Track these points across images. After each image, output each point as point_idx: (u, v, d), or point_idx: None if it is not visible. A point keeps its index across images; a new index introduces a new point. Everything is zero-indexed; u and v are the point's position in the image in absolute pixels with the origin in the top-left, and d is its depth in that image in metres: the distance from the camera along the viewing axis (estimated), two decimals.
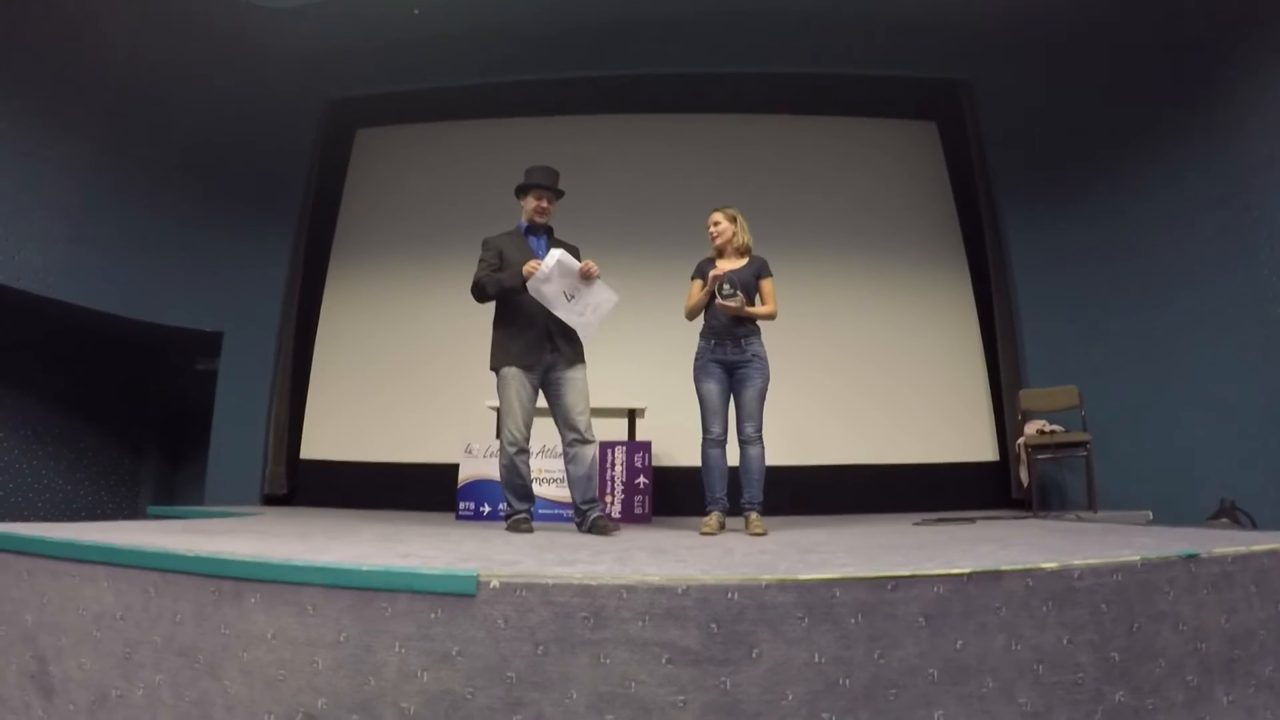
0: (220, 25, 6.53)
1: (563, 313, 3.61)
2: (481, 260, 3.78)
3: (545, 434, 4.12)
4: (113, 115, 6.46)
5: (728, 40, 6.91)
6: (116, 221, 6.39)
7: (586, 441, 3.68)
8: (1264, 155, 5.43)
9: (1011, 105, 6.94)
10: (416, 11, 6.57)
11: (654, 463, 5.18)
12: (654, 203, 6.93)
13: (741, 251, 3.96)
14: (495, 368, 3.73)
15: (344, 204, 7.59)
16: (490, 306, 3.82)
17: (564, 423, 3.72)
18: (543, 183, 3.84)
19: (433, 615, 1.69)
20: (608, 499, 4.95)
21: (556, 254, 3.56)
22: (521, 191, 3.88)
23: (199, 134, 6.99)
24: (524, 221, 3.89)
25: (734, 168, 7.13)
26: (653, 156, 7.18)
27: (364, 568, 1.79)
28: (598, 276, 3.68)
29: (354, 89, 7.52)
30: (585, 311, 3.65)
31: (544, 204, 3.84)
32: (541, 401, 3.79)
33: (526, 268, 3.57)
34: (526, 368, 3.65)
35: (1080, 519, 4.62)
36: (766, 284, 3.87)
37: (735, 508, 3.76)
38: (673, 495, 5.28)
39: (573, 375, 3.71)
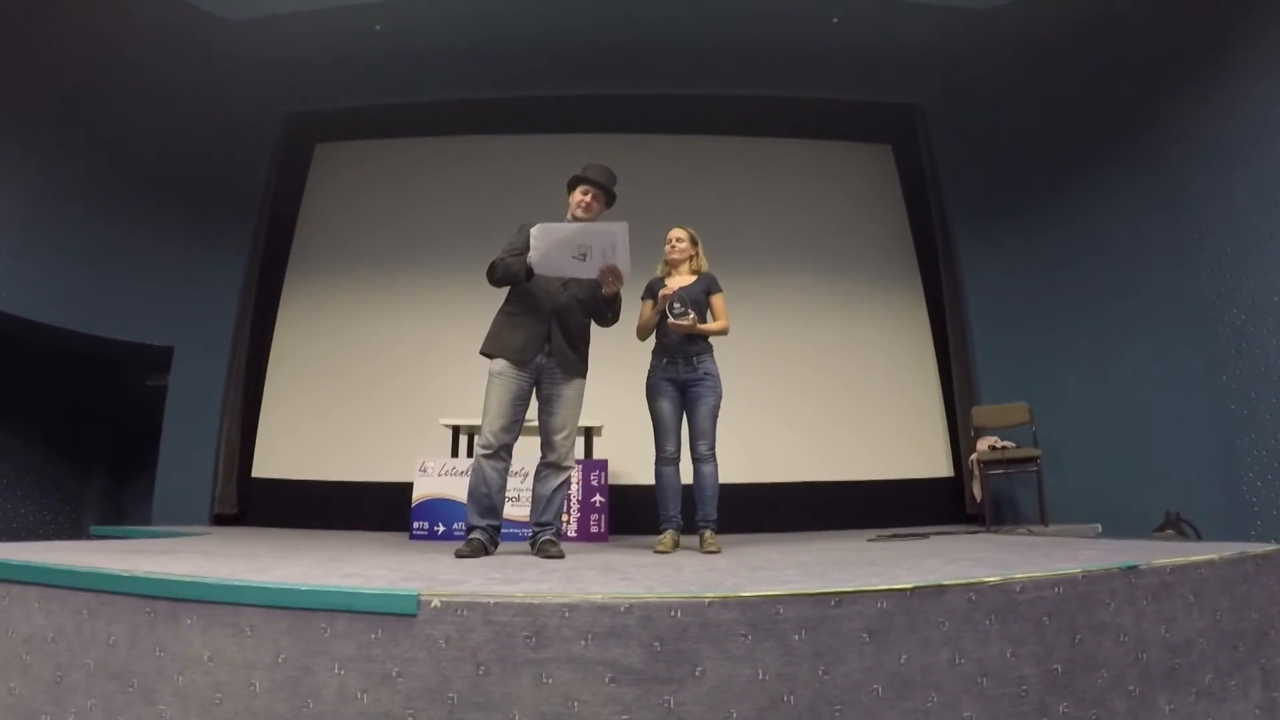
0: (178, 35, 6.42)
1: (585, 274, 3.31)
2: (509, 241, 3.46)
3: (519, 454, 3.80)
4: (63, 123, 6.32)
5: (688, 63, 6.99)
6: (65, 233, 6.23)
7: (560, 469, 3.35)
8: (1203, 176, 5.65)
9: (963, 129, 7.15)
10: (378, 27, 6.56)
11: (611, 481, 5.16)
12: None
13: (693, 270, 3.99)
14: (487, 354, 3.37)
15: (301, 218, 7.50)
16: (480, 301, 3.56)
17: (544, 441, 3.39)
18: (591, 177, 3.55)
19: (373, 636, 1.66)
20: (564, 518, 4.89)
21: (535, 230, 3.21)
22: (570, 186, 3.59)
23: (153, 144, 6.87)
24: (568, 217, 3.56)
25: (693, 187, 7.20)
26: None
27: (303, 587, 1.75)
28: (619, 281, 3.35)
29: (314, 102, 7.46)
30: (589, 256, 3.26)
31: (587, 199, 3.51)
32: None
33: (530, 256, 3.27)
34: (518, 363, 3.30)
35: (1031, 533, 4.69)
36: (717, 299, 3.89)
37: (691, 526, 3.76)
38: (630, 514, 5.25)
39: (565, 392, 3.37)
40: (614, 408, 5.33)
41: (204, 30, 6.37)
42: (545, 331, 3.35)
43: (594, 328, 3.58)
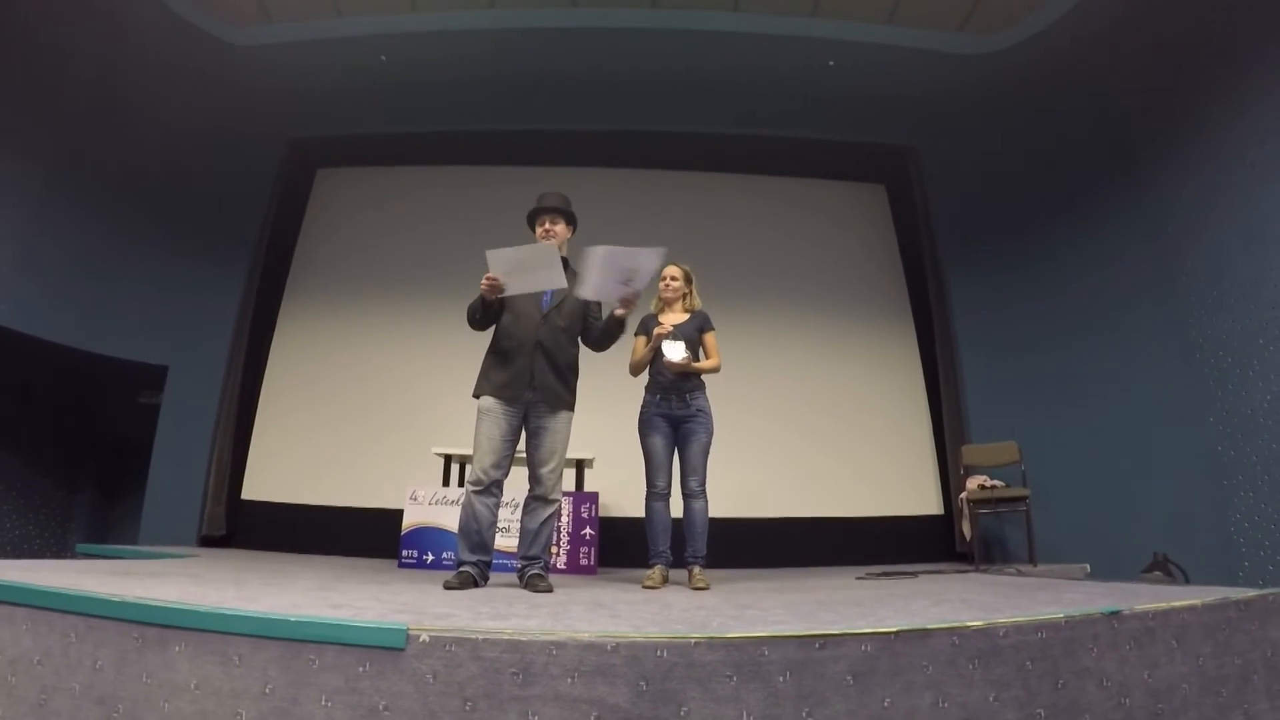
0: (186, 58, 6.52)
1: (623, 295, 3.25)
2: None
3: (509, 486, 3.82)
4: (69, 140, 6.38)
5: (688, 101, 7.11)
6: (65, 248, 6.26)
7: (547, 501, 3.30)
8: (1186, 217, 5.77)
9: (955, 170, 7.27)
10: (384, 58, 6.65)
11: (601, 514, 5.15)
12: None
13: (686, 308, 4.02)
14: (476, 395, 3.36)
15: (300, 243, 7.55)
16: (473, 338, 3.53)
17: (530, 474, 3.36)
18: (547, 205, 3.50)
19: (361, 669, 1.65)
20: (553, 550, 4.86)
21: (495, 254, 3.13)
22: (531, 219, 3.55)
23: (157, 164, 6.93)
24: None
25: (688, 224, 7.27)
26: (605, 210, 7.20)
27: (292, 618, 1.75)
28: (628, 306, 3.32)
29: (317, 129, 7.54)
30: (632, 280, 3.24)
31: (545, 226, 3.47)
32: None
33: (483, 282, 3.22)
34: (507, 400, 3.28)
35: (1020, 573, 4.69)
36: (709, 337, 3.92)
37: (681, 561, 3.75)
38: (620, 547, 5.24)
39: (552, 425, 3.32)
40: (606, 441, 5.34)
41: (211, 54, 6.47)
42: (529, 367, 3.30)
43: (582, 360, 3.55)
